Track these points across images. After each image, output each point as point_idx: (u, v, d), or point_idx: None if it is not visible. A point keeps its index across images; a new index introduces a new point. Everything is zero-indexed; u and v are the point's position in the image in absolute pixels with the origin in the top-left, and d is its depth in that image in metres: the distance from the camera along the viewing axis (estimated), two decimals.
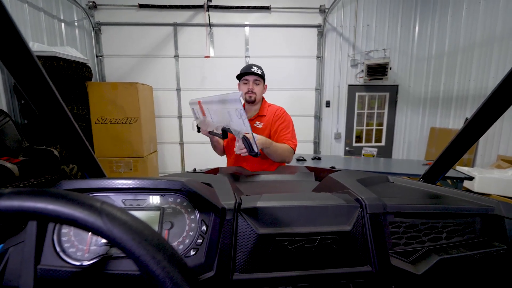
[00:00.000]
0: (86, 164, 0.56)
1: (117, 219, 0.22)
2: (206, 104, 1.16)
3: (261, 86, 1.55)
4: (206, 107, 1.16)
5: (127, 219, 0.23)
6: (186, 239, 0.44)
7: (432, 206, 0.51)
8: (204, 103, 1.17)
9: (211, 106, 1.11)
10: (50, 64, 2.66)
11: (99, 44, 3.83)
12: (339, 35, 4.03)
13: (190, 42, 3.90)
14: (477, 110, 0.56)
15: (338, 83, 4.14)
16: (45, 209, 0.21)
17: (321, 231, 0.45)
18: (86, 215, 0.21)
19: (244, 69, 1.54)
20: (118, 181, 0.44)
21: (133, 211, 0.44)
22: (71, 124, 0.48)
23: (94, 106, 3.16)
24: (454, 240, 0.51)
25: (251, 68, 1.51)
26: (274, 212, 0.46)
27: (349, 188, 0.55)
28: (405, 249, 0.49)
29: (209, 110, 1.16)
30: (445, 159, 0.68)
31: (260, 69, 1.53)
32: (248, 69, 1.52)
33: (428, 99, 4.04)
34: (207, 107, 1.16)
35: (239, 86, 1.60)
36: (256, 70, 1.50)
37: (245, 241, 0.44)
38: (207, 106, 1.15)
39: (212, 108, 1.12)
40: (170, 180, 0.45)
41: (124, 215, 0.23)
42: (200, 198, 0.45)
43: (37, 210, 0.21)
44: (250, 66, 1.54)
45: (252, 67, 1.52)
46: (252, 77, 1.51)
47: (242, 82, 1.54)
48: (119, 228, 0.22)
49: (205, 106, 1.16)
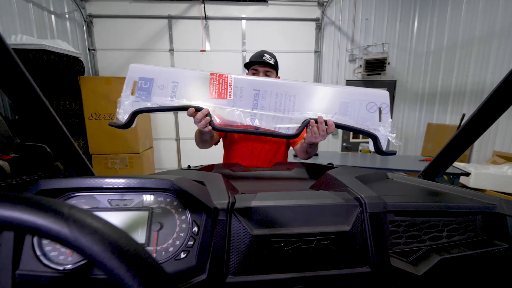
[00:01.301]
0: (71, 162, 0.53)
1: (86, 226, 0.19)
2: (259, 85, 0.81)
3: (272, 78, 1.36)
4: (252, 88, 0.80)
5: (98, 226, 0.20)
6: (176, 241, 0.41)
7: (434, 205, 0.50)
8: (259, 84, 0.81)
9: (277, 89, 0.81)
10: (40, 57, 2.57)
11: (91, 37, 3.72)
12: (338, 29, 3.97)
13: (186, 36, 3.81)
14: (479, 108, 0.55)
15: (336, 79, 4.10)
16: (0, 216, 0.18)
17: (319, 232, 0.44)
18: (50, 223, 0.18)
19: (254, 57, 1.29)
20: (102, 180, 0.41)
21: (120, 212, 0.41)
22: (54, 120, 0.45)
23: (87, 101, 3.08)
24: (455, 239, 0.50)
25: (263, 57, 1.26)
26: (270, 211, 0.44)
27: (347, 186, 0.54)
28: (405, 249, 0.48)
29: (253, 94, 0.81)
30: (445, 156, 0.66)
31: (273, 57, 1.29)
32: (259, 57, 1.26)
33: (425, 94, 4.03)
34: (253, 89, 0.80)
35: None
36: (269, 59, 1.26)
37: (239, 243, 0.42)
38: (257, 86, 0.81)
39: (274, 91, 0.80)
40: (159, 178, 0.42)
41: (95, 221, 0.20)
42: (191, 197, 0.42)
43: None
44: (261, 54, 1.28)
45: (264, 55, 1.27)
46: (263, 68, 1.26)
47: (251, 72, 1.29)
48: (89, 238, 0.18)
49: (250, 87, 0.81)
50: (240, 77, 0.82)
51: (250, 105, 0.81)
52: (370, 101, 0.80)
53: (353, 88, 0.82)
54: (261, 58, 1.26)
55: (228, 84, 0.81)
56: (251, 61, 1.29)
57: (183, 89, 0.80)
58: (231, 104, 0.81)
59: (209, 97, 0.81)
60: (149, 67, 0.82)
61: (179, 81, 0.80)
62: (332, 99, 0.81)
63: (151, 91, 0.80)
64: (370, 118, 0.80)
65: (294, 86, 0.81)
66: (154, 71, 0.81)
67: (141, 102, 0.79)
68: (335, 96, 0.81)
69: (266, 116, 0.81)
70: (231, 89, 0.81)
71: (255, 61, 1.26)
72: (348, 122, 0.80)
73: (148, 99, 0.80)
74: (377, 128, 0.80)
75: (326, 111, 0.81)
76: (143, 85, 0.80)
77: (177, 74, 0.81)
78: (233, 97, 0.81)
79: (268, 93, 0.81)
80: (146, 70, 0.81)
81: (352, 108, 0.80)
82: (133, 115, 0.78)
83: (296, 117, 0.81)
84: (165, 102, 0.79)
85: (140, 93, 0.79)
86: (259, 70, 1.27)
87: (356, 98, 0.80)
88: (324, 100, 0.81)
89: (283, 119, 0.81)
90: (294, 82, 0.82)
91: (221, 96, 0.81)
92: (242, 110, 0.81)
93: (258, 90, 0.81)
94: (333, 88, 0.82)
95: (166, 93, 0.80)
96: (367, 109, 0.80)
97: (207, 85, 0.81)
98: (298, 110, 0.81)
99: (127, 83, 0.80)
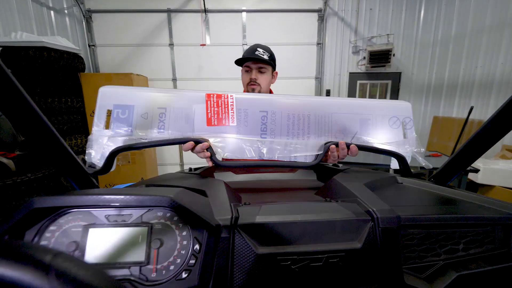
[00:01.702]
0: (71, 174, 0.51)
1: (71, 280, 0.17)
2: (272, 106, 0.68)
3: (268, 75, 1.20)
4: (262, 109, 0.68)
5: (85, 278, 0.17)
6: (177, 259, 0.39)
7: (450, 216, 0.46)
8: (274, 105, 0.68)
9: (290, 109, 0.68)
10: (41, 55, 2.57)
11: (91, 33, 3.69)
12: (341, 20, 3.85)
13: (185, 30, 3.75)
14: (502, 107, 0.50)
15: (339, 71, 4.01)
16: None
17: (328, 249, 0.41)
18: (29, 278, 0.16)
19: (246, 53, 1.20)
20: (98, 197, 0.39)
21: (118, 228, 0.40)
22: (45, 126, 0.41)
23: (89, 98, 3.09)
24: (472, 252, 0.47)
25: (255, 52, 1.16)
26: (275, 228, 0.41)
27: (357, 196, 0.50)
28: (419, 264, 0.44)
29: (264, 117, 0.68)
30: (460, 159, 0.61)
31: (266, 52, 1.19)
32: (251, 52, 1.17)
33: (431, 86, 3.91)
34: (266, 111, 0.68)
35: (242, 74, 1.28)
36: (262, 54, 1.16)
37: (243, 261, 0.40)
38: (269, 108, 0.68)
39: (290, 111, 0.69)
40: (158, 196, 0.40)
41: (82, 271, 0.18)
42: (191, 214, 0.40)
43: None
44: (254, 49, 1.18)
45: (256, 50, 1.17)
46: (256, 65, 1.17)
47: (244, 69, 1.21)
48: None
49: (260, 108, 0.68)
50: (242, 96, 0.68)
51: (258, 131, 0.68)
52: (392, 115, 0.73)
53: (372, 101, 0.75)
54: (254, 54, 1.15)
55: (229, 106, 0.66)
56: (242, 57, 1.19)
57: (174, 117, 0.63)
58: (234, 131, 0.67)
59: (207, 124, 0.65)
60: (125, 90, 0.64)
61: (167, 107, 0.63)
62: (351, 117, 0.72)
63: (132, 121, 0.62)
64: (394, 135, 0.73)
65: (308, 103, 0.70)
66: (132, 95, 0.63)
67: (119, 138, 0.61)
68: (354, 112, 0.72)
69: (277, 143, 0.68)
70: (234, 113, 0.66)
71: (247, 58, 1.17)
72: (370, 142, 0.72)
73: (129, 133, 0.61)
74: (403, 146, 0.72)
75: (345, 131, 0.72)
76: (120, 115, 0.62)
77: (163, 99, 0.64)
78: (237, 123, 0.66)
79: (278, 114, 0.68)
80: (121, 95, 0.63)
81: (374, 126, 0.72)
82: (110, 157, 0.59)
83: (312, 143, 0.70)
84: (152, 135, 0.63)
85: (117, 125, 0.62)
86: (251, 68, 1.18)
87: (377, 114, 0.73)
88: (342, 118, 0.72)
89: (297, 145, 0.69)
90: (307, 98, 0.71)
91: (222, 123, 0.66)
92: (249, 139, 0.67)
93: (266, 112, 0.68)
94: (351, 102, 0.73)
95: (152, 123, 0.63)
96: (389, 125, 0.73)
97: (204, 109, 0.65)
98: (314, 133, 0.70)
99: (98, 114, 0.62)
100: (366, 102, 0.75)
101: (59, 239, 0.39)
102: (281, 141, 0.69)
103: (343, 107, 0.72)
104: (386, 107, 0.74)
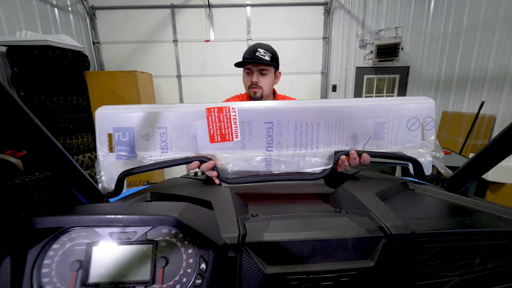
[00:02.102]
0: (78, 187, 0.50)
1: None
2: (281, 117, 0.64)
3: (270, 77, 1.14)
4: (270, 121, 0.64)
5: None
6: (183, 278, 0.38)
7: (467, 231, 0.44)
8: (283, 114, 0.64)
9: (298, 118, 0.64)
10: (46, 53, 2.57)
11: (95, 30, 3.68)
12: (347, 12, 3.76)
13: (189, 26, 3.71)
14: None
15: (345, 66, 3.93)
16: None
17: (339, 269, 0.40)
18: None
19: (246, 54, 1.12)
20: (100, 217, 0.38)
21: (122, 246, 0.39)
22: (46, 139, 0.39)
23: (94, 96, 3.09)
24: (489, 267, 0.45)
25: (256, 52, 1.09)
26: (284, 246, 0.40)
27: (369, 209, 0.48)
28: (434, 280, 0.42)
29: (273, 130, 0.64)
30: (477, 164, 0.57)
31: (268, 52, 1.11)
32: (252, 53, 1.09)
33: (441, 81, 3.81)
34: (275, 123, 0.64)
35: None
36: (263, 55, 1.09)
37: (251, 281, 0.39)
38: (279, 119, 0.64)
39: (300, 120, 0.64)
40: (162, 216, 0.39)
41: None
42: (197, 233, 0.39)
43: None
44: (254, 49, 1.10)
45: (257, 51, 1.09)
46: (257, 67, 1.10)
47: (244, 71, 1.16)
48: None
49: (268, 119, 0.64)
50: (245, 107, 0.63)
51: (263, 144, 0.65)
52: (412, 116, 0.65)
53: (389, 101, 0.66)
54: (254, 55, 1.08)
55: (231, 120, 0.62)
56: (243, 59, 1.11)
57: (175, 136, 0.61)
58: (239, 146, 0.64)
59: (210, 141, 0.62)
60: (122, 110, 0.61)
61: (166, 125, 0.61)
62: (364, 121, 0.65)
63: (134, 144, 0.60)
64: (411, 138, 0.66)
65: (317, 110, 0.64)
66: (130, 116, 0.60)
67: (124, 161, 0.61)
68: (369, 115, 0.65)
69: (284, 155, 0.66)
70: (237, 127, 0.62)
71: (247, 60, 1.09)
72: (384, 147, 0.66)
73: (133, 156, 0.60)
74: (419, 149, 0.66)
75: (357, 137, 0.67)
76: (121, 138, 0.60)
77: (161, 117, 0.61)
78: (241, 137, 0.63)
79: (284, 125, 0.63)
80: (119, 116, 0.60)
81: (390, 129, 0.65)
82: (119, 181, 0.59)
83: (321, 153, 0.66)
84: (156, 156, 0.62)
85: (119, 148, 0.61)
86: (252, 70, 1.12)
87: (394, 116, 0.65)
88: (355, 122, 0.65)
89: (305, 156, 0.66)
90: (316, 103, 0.64)
91: (225, 138, 0.63)
92: (255, 154, 0.65)
93: (272, 123, 0.63)
94: (365, 105, 0.65)
95: (155, 144, 0.61)
96: (407, 127, 0.66)
97: (205, 124, 0.62)
98: (323, 142, 0.66)
99: (99, 138, 0.61)
100: (383, 103, 0.66)
101: (63, 257, 0.38)
102: (288, 154, 0.65)
103: (355, 111, 0.65)
104: (406, 107, 0.66)
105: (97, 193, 0.55)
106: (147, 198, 0.59)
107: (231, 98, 1.28)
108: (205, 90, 3.93)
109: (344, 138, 0.66)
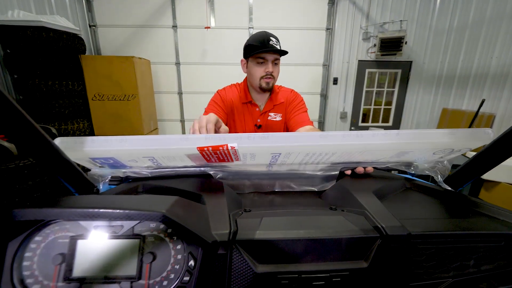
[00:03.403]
0: (62, 172, 0.47)
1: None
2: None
3: (279, 66, 1.14)
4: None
5: None
6: (171, 274, 0.37)
7: (463, 233, 0.43)
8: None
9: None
10: (39, 35, 2.48)
11: (92, 12, 3.55)
12: (352, 3, 3.66)
13: (189, 11, 3.59)
14: None
15: (347, 59, 3.87)
16: None
17: (332, 269, 0.39)
18: None
19: (258, 41, 1.05)
20: (84, 211, 0.36)
21: (107, 240, 0.38)
22: (31, 127, 0.37)
23: (90, 81, 3.02)
24: (483, 269, 0.44)
25: (270, 41, 1.04)
26: (276, 244, 0.39)
27: (365, 208, 0.48)
28: (427, 281, 0.42)
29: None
30: (478, 164, 0.56)
31: (278, 41, 1.09)
32: (265, 42, 1.03)
33: (443, 77, 3.78)
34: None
35: (243, 65, 1.16)
36: (276, 44, 1.05)
37: (241, 280, 0.38)
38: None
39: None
40: (148, 212, 0.37)
41: None
42: (186, 230, 0.37)
43: None
44: (267, 38, 1.04)
45: (270, 40, 1.04)
46: (273, 56, 1.07)
47: (256, 60, 1.09)
48: None
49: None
50: (247, 146, 0.50)
51: (266, 162, 0.61)
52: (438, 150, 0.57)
53: (428, 137, 0.51)
54: (269, 44, 1.03)
55: (230, 154, 0.53)
56: (256, 48, 1.05)
57: (167, 159, 0.55)
58: (240, 163, 0.59)
59: (208, 161, 0.57)
60: (90, 147, 0.49)
61: (153, 156, 0.53)
62: (386, 152, 0.58)
63: (123, 163, 0.56)
64: (428, 157, 0.62)
65: (334, 147, 0.53)
66: (104, 151, 0.50)
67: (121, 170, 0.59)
68: (394, 149, 0.55)
69: (286, 168, 0.63)
70: (238, 157, 0.55)
71: (262, 49, 1.04)
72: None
73: (126, 166, 0.58)
74: (425, 164, 0.64)
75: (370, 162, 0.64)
76: (104, 161, 0.55)
77: (143, 151, 0.50)
78: (242, 161, 0.58)
79: (293, 154, 0.55)
80: (90, 152, 0.50)
81: (411, 156, 0.61)
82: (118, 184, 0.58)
83: (325, 169, 0.64)
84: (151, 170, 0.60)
85: (109, 164, 0.57)
86: (267, 59, 1.08)
87: (422, 149, 0.56)
88: (374, 153, 0.58)
89: (308, 172, 0.64)
90: (334, 138, 0.50)
91: (224, 161, 0.57)
92: (255, 170, 0.63)
93: (279, 154, 0.55)
94: (395, 146, 0.53)
95: (146, 164, 0.57)
96: (431, 155, 0.60)
97: (198, 153, 0.53)
98: (331, 164, 0.64)
99: (82, 163, 0.55)
100: (419, 135, 0.51)
101: (45, 250, 0.36)
102: (291, 168, 0.64)
103: (380, 153, 0.57)
104: (443, 147, 0.55)
105: (87, 183, 0.53)
106: (138, 189, 0.58)
107: (228, 87, 1.24)
108: (205, 78, 3.86)
109: (357, 159, 0.62)
